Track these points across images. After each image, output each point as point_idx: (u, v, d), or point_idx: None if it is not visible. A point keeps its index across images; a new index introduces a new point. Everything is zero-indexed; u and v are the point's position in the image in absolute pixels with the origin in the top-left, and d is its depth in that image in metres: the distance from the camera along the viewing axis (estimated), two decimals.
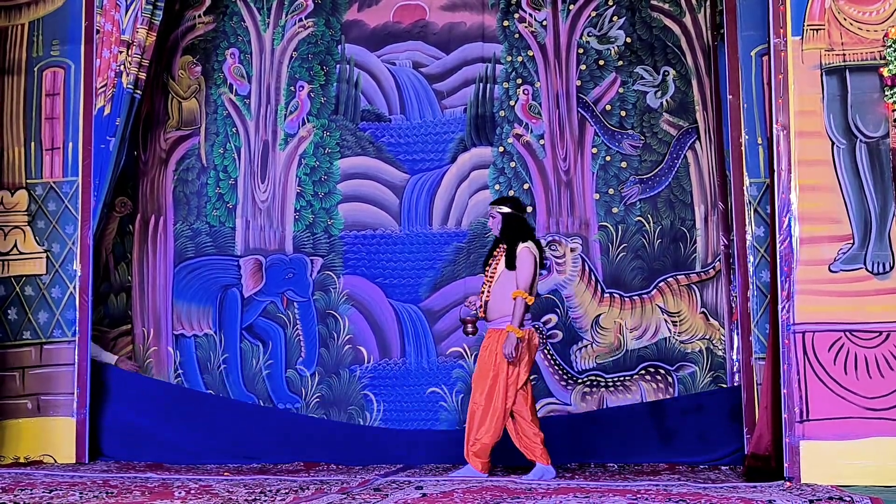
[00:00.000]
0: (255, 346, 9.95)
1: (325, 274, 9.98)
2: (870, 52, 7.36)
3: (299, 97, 10.17)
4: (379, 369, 9.83)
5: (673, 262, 9.68)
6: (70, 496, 6.14)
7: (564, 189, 9.84)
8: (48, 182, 9.02)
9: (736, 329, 8.83)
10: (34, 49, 9.08)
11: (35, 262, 8.96)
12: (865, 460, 6.97)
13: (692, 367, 9.51)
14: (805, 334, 7.22)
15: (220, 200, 10.14)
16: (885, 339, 7.15)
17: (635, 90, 9.87)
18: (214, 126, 10.20)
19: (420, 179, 10.04)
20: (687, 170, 9.75)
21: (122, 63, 8.91)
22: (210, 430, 9.16)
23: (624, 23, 9.90)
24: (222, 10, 10.23)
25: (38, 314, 8.91)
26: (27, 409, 8.81)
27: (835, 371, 7.16)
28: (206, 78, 10.23)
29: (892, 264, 7.22)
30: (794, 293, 7.26)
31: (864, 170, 7.33)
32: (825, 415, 7.12)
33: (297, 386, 9.86)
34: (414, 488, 6.48)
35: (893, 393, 7.08)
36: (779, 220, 7.44)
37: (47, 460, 8.58)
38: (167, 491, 6.49)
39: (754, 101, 8.26)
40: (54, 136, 9.03)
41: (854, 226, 7.30)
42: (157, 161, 10.20)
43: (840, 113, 7.37)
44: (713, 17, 9.44)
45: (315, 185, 10.09)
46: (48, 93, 9.06)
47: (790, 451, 7.12)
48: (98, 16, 9.01)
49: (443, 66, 10.13)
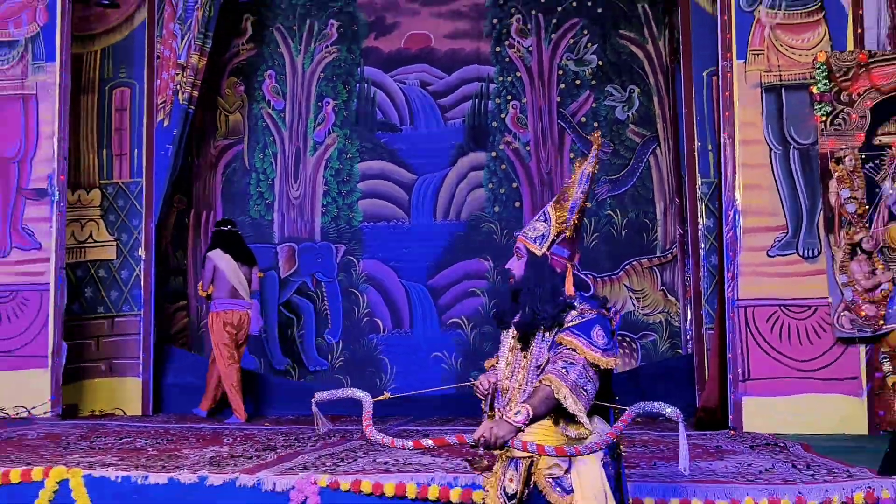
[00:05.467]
0: (290, 318, 9.97)
1: (347, 258, 10.00)
2: (802, 73, 7.35)
3: (326, 111, 10.16)
4: (392, 338, 9.85)
5: (637, 249, 9.69)
6: (137, 442, 6.18)
7: (546, 187, 9.84)
8: (118, 182, 9.02)
9: (690, 304, 8.84)
10: (105, 72, 9.07)
11: (107, 248, 8.96)
12: (797, 413, 6.99)
13: (653, 336, 9.53)
14: (747, 308, 7.23)
15: (259, 197, 10.15)
16: (814, 312, 7.16)
17: (606, 105, 9.86)
18: (255, 135, 10.20)
19: (426, 179, 10.04)
20: (649, 171, 9.76)
21: (179, 83, 8.89)
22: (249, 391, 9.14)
23: (596, 48, 9.89)
24: (262, 39, 10.23)
25: (109, 292, 8.92)
26: (101, 371, 8.83)
27: (771, 339, 7.17)
28: (248, 95, 10.23)
29: (819, 250, 7.22)
30: (738, 274, 7.27)
31: (797, 171, 7.33)
32: (763, 375, 7.14)
33: (325, 352, 9.89)
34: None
35: (820, 357, 7.10)
36: (725, 213, 7.44)
37: (118, 413, 8.60)
38: (217, 438, 6.53)
39: (705, 114, 8.26)
40: (122, 145, 9.02)
41: (788, 218, 7.31)
42: (208, 165, 10.21)
43: (777, 124, 7.37)
44: (671, 44, 9.44)
45: (339, 184, 10.09)
46: (117, 108, 9.06)
47: (734, 406, 7.14)
48: (158, 44, 9.01)
49: (445, 85, 10.12)
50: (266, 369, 9.76)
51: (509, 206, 9.89)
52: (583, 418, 3.03)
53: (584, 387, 3.03)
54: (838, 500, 4.21)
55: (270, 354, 9.88)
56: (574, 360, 3.05)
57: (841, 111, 7.21)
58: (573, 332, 3.09)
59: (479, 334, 9.73)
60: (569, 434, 3.09)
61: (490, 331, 9.70)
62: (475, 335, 9.75)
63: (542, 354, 3.16)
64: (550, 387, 3.01)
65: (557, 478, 3.09)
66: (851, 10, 7.38)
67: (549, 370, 3.07)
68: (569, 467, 3.08)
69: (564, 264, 3.22)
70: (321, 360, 9.86)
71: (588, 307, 3.15)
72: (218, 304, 8.33)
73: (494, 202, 9.89)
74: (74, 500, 4.43)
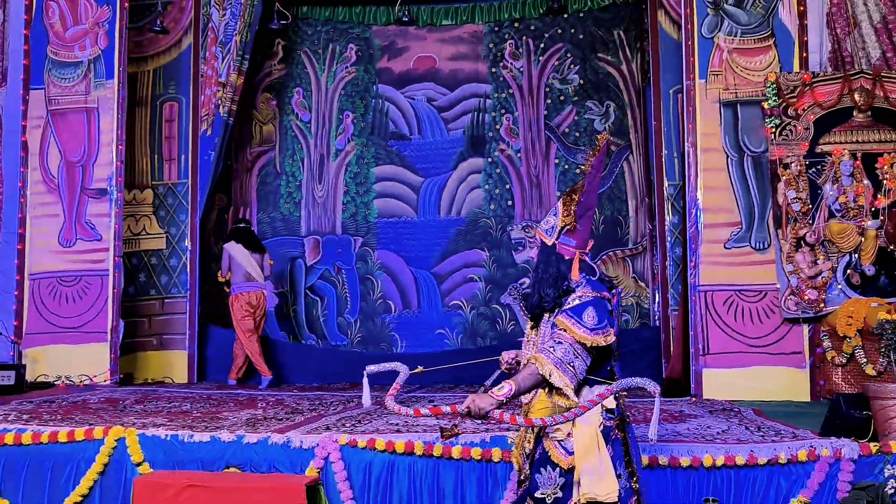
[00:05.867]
0: (314, 300, 9.97)
1: (364, 249, 9.99)
2: (754, 91, 7.32)
3: (345, 122, 10.14)
4: (402, 317, 9.84)
5: (612, 241, 9.67)
6: (184, 406, 6.19)
7: (535, 189, 9.83)
8: (167, 183, 9.01)
9: (657, 289, 8.84)
10: (157, 88, 9.06)
11: (158, 240, 8.96)
12: (749, 382, 6.97)
13: (626, 316, 9.52)
14: (706, 293, 7.22)
15: (289, 197, 10.13)
16: (764, 297, 7.15)
17: (586, 118, 9.83)
18: (285, 143, 10.17)
19: (431, 181, 10.01)
20: (623, 175, 9.73)
21: (220, 98, 8.89)
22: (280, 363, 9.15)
23: (578, 69, 9.86)
24: (291, 60, 10.20)
25: (160, 277, 8.92)
26: (153, 345, 8.84)
27: (728, 319, 7.16)
28: (279, 109, 10.20)
29: (769, 243, 7.21)
30: (699, 263, 7.25)
31: (750, 175, 7.31)
32: (720, 350, 7.13)
33: (344, 329, 9.88)
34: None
35: (769, 335, 7.09)
36: (688, 211, 7.43)
37: (167, 381, 8.61)
38: (252, 402, 6.53)
39: (671, 125, 8.23)
40: (171, 151, 9.01)
41: (742, 215, 7.29)
42: (244, 168, 10.19)
43: (733, 135, 7.35)
44: (642, 66, 9.42)
45: (357, 185, 10.07)
46: (167, 119, 9.05)
47: (695, 376, 7.14)
48: (202, 64, 9.00)
49: (448, 101, 10.09)
50: (294, 343, 9.76)
51: (503, 204, 9.88)
52: (567, 391, 3.02)
53: (571, 363, 3.02)
54: (784, 458, 4.21)
55: (298, 330, 9.89)
56: (562, 339, 3.05)
57: (788, 124, 7.19)
58: (566, 314, 3.09)
59: (476, 315, 9.74)
60: (559, 404, 3.08)
61: (486, 312, 9.72)
62: (473, 315, 9.75)
63: (546, 333, 3.17)
64: (536, 364, 3.01)
65: (561, 441, 3.10)
66: (797, 37, 7.36)
67: (539, 349, 3.08)
68: (570, 432, 3.08)
69: (573, 252, 3.20)
70: (341, 336, 9.86)
71: (589, 290, 3.13)
72: (235, 288, 8.48)
73: (490, 201, 9.88)
74: (130, 455, 4.43)
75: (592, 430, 3.07)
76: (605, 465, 3.04)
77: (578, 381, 3.05)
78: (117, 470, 4.42)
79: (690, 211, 7.38)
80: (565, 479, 3.08)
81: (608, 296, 3.17)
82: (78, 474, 4.44)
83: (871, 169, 7.01)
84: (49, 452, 4.52)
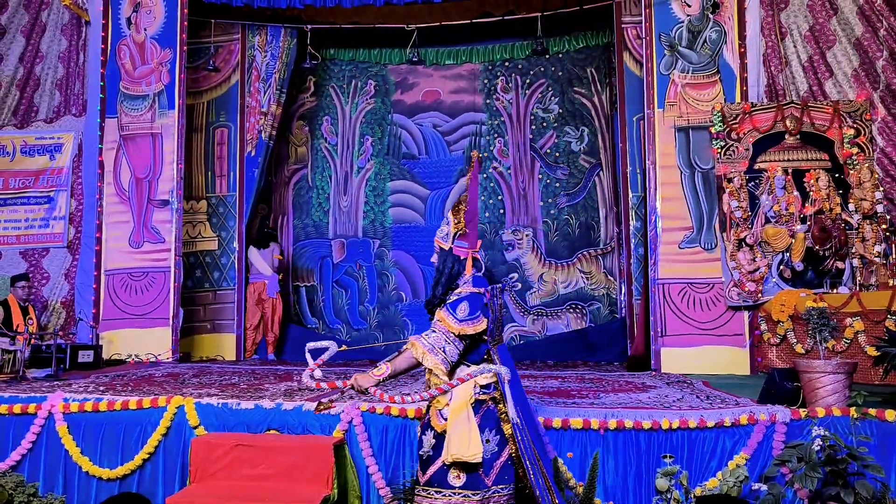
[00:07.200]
0: (340, 292, 9.97)
1: (381, 249, 9.98)
2: (703, 118, 7.32)
3: (366, 145, 10.14)
4: (412, 306, 9.83)
5: (586, 242, 9.66)
6: (232, 379, 6.18)
7: (522, 199, 9.82)
8: (219, 195, 9.01)
9: (624, 282, 8.83)
10: (210, 116, 9.06)
11: (211, 242, 8.97)
12: (699, 359, 6.99)
13: (598, 304, 9.51)
14: (664, 285, 7.22)
15: (319, 206, 10.13)
16: (711, 288, 7.15)
17: (564, 140, 9.82)
18: (316, 162, 10.18)
19: (437, 194, 10.00)
20: (595, 188, 9.71)
21: (262, 125, 8.90)
22: None
23: (558, 100, 9.85)
24: (320, 93, 10.20)
25: (213, 273, 8.93)
26: (207, 329, 8.84)
27: (682, 307, 7.16)
28: (311, 133, 10.20)
29: (715, 244, 7.20)
30: (658, 261, 7.25)
31: (700, 188, 7.30)
32: (675, 332, 7.14)
33: (365, 315, 9.88)
34: None
35: (716, 320, 7.09)
36: (649, 217, 7.42)
37: (219, 359, 8.62)
38: (289, 376, 6.52)
39: (635, 147, 8.22)
40: (222, 168, 9.02)
41: (693, 221, 7.28)
42: (282, 183, 10.19)
43: (685, 154, 7.34)
44: (611, 98, 9.40)
45: (375, 197, 10.07)
46: (218, 142, 9.05)
47: (655, 354, 7.15)
48: (248, 97, 9.01)
49: (450, 127, 10.08)
50: (323, 327, 9.76)
51: (496, 212, 9.86)
52: (437, 371, 3.02)
53: (443, 348, 3.00)
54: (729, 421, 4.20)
55: (326, 317, 9.89)
56: (437, 328, 3.06)
57: (731, 145, 7.18)
58: (445, 307, 3.09)
59: None
60: (434, 382, 3.08)
61: None
62: None
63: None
64: (412, 349, 3.03)
65: (440, 409, 3.10)
66: (739, 73, 7.36)
67: (415, 336, 3.07)
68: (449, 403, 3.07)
69: (467, 252, 3.18)
70: (362, 322, 9.86)
71: (469, 287, 3.10)
72: (251, 279, 8.91)
73: (485, 210, 9.86)
74: (188, 420, 4.43)
75: (463, 402, 3.04)
76: (473, 431, 2.99)
77: (450, 363, 3.02)
78: (178, 432, 4.42)
79: (651, 217, 7.37)
80: (436, 441, 3.07)
81: (483, 290, 3.11)
82: (145, 436, 4.44)
83: (800, 182, 7.02)
84: (121, 418, 4.52)
